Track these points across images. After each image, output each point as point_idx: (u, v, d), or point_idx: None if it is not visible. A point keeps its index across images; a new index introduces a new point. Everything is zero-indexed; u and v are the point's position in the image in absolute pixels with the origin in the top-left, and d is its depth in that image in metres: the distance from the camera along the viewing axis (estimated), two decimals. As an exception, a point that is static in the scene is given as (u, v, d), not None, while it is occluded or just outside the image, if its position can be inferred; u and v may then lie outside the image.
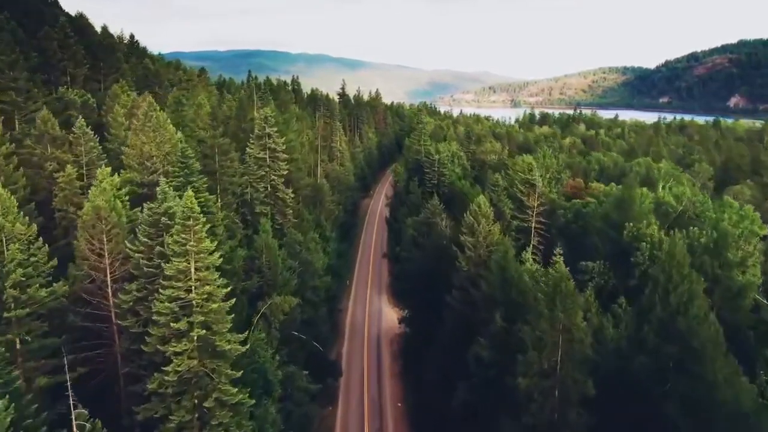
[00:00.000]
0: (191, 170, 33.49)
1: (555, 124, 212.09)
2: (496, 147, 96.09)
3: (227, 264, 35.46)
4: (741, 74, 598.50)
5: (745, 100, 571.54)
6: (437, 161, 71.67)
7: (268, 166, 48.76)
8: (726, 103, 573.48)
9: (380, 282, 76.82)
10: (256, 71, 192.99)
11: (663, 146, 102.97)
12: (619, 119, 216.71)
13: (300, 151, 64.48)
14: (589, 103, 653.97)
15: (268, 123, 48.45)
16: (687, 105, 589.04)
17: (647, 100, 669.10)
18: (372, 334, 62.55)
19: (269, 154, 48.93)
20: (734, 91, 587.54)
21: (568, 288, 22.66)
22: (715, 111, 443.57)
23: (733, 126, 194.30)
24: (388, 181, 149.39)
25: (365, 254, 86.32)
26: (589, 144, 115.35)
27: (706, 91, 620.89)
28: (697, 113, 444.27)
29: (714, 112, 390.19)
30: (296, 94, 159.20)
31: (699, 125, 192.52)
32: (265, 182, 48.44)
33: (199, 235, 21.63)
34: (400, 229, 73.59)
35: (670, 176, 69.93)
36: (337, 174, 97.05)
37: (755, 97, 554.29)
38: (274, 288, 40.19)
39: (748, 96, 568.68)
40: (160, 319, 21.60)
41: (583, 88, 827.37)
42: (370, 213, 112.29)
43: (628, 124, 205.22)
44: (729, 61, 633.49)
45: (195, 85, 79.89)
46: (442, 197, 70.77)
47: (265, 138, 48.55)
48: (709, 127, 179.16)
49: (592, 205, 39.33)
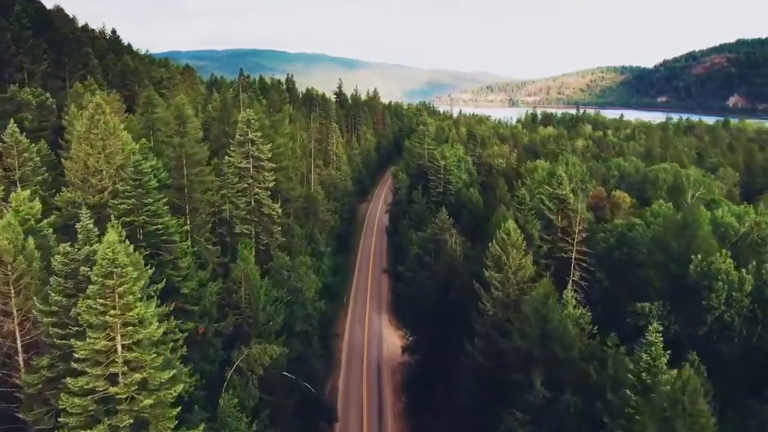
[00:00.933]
0: (146, 189, 26.54)
1: (559, 124, 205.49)
2: (504, 150, 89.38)
3: (194, 304, 28.60)
4: (739, 74, 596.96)
5: (744, 99, 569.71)
6: (443, 167, 64.83)
7: (251, 177, 41.81)
8: (725, 103, 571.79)
9: (380, 299, 69.98)
10: (253, 71, 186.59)
11: (681, 149, 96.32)
12: (624, 119, 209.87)
13: (291, 156, 57.52)
14: (587, 102, 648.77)
15: (251, 127, 41.50)
16: (686, 104, 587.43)
17: (646, 100, 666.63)
18: (372, 363, 55.73)
19: (253, 162, 41.98)
20: (733, 91, 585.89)
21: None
22: (714, 111, 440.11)
23: (741, 126, 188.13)
24: (387, 184, 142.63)
25: (363, 267, 79.42)
26: (600, 147, 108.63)
27: (705, 91, 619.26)
28: (696, 113, 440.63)
29: (713, 112, 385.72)
30: (291, 93, 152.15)
31: (707, 125, 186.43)
32: (248, 196, 41.49)
33: (126, 299, 14.73)
34: (401, 242, 66.71)
35: (699, 184, 63.39)
36: (333, 179, 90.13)
37: (754, 96, 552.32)
38: (255, 327, 33.32)
39: (746, 95, 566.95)
40: (70, 420, 14.70)
41: (581, 87, 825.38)
42: (369, 220, 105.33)
43: (633, 124, 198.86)
44: (727, 60, 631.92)
45: (176, 84, 72.72)
46: (448, 207, 64.13)
47: (247, 144, 41.59)
48: (718, 128, 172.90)
49: (639, 228, 32.53)
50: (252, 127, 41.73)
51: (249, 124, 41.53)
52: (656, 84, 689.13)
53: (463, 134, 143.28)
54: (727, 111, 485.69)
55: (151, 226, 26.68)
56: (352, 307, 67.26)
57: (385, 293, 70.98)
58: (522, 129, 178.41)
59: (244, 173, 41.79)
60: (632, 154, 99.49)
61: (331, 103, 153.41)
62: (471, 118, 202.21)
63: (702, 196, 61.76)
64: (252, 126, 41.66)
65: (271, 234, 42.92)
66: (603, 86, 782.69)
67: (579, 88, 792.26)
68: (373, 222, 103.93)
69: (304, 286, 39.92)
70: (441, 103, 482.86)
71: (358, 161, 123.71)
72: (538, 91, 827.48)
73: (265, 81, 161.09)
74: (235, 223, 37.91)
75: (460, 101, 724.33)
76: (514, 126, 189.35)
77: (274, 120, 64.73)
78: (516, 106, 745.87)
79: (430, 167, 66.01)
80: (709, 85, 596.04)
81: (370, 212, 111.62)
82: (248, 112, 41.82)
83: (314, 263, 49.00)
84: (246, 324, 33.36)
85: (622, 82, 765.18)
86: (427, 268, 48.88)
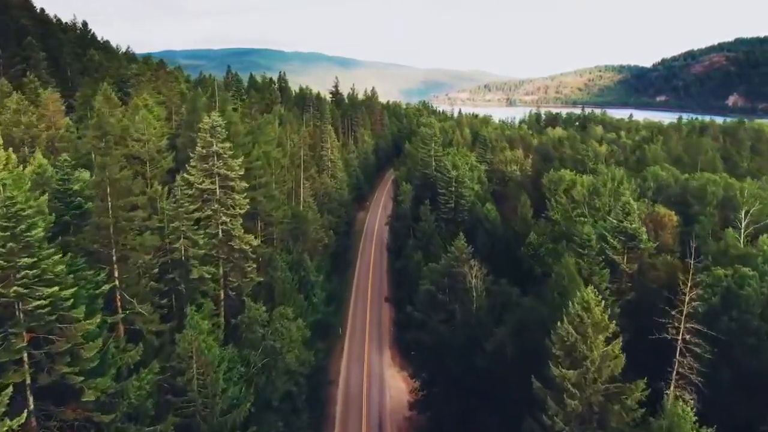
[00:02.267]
0: (25, 241, 16.95)
1: (565, 124, 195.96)
2: (517, 155, 79.87)
3: (107, 411, 18.96)
4: (739, 73, 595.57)
5: (743, 99, 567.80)
6: (455, 179, 55.28)
7: (216, 202, 32.14)
8: (724, 102, 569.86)
9: (380, 332, 60.13)
10: (250, 70, 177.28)
11: (712, 154, 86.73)
12: (633, 119, 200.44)
13: (276, 168, 47.77)
14: (585, 101, 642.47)
15: (216, 136, 31.82)
16: (685, 104, 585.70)
17: (644, 99, 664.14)
18: (372, 418, 45.99)
19: (219, 182, 32.31)
20: (732, 90, 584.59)
21: None
22: (714, 110, 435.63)
23: (758, 126, 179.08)
24: (386, 188, 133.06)
25: (361, 292, 69.52)
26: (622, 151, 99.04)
27: (704, 90, 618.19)
28: (696, 112, 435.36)
29: (713, 111, 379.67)
30: (283, 93, 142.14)
31: (722, 126, 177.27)
32: (213, 227, 31.83)
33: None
34: (406, 266, 56.91)
35: (755, 199, 54.08)
36: (327, 188, 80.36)
37: (754, 95, 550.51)
38: (210, 419, 23.73)
39: (746, 95, 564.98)
40: None
41: (579, 86, 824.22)
42: (367, 232, 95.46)
43: (643, 124, 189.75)
44: (726, 59, 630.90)
45: (144, 82, 62.87)
46: (460, 225, 54.66)
47: (211, 159, 31.94)
48: (737, 128, 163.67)
49: (752, 282, 22.70)
50: (218, 136, 32.04)
51: (214, 133, 31.83)
52: (655, 83, 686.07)
53: (468, 136, 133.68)
54: (727, 110, 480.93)
55: (33, 300, 17.03)
56: (348, 342, 57.50)
57: (386, 324, 61.29)
58: (528, 130, 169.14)
59: (207, 196, 32.13)
60: (657, 160, 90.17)
61: (326, 103, 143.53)
62: (474, 119, 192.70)
63: (757, 212, 52.55)
64: (218, 134, 31.97)
65: (244, 274, 33.23)
66: (601, 85, 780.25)
67: (577, 88, 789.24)
68: (371, 234, 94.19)
69: (283, 346, 30.30)
70: (439, 103, 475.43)
71: (355, 165, 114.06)
72: (536, 91, 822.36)
73: (256, 79, 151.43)
74: (192, 266, 28.23)
75: (457, 101, 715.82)
76: (519, 127, 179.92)
77: (255, 125, 54.92)
78: (514, 105, 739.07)
79: (439, 178, 56.38)
80: (709, 85, 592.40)
81: (368, 222, 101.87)
82: (213, 116, 32.07)
83: (300, 306, 39.19)
84: (199, 416, 23.72)
85: (620, 81, 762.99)
86: (442, 308, 39.43)
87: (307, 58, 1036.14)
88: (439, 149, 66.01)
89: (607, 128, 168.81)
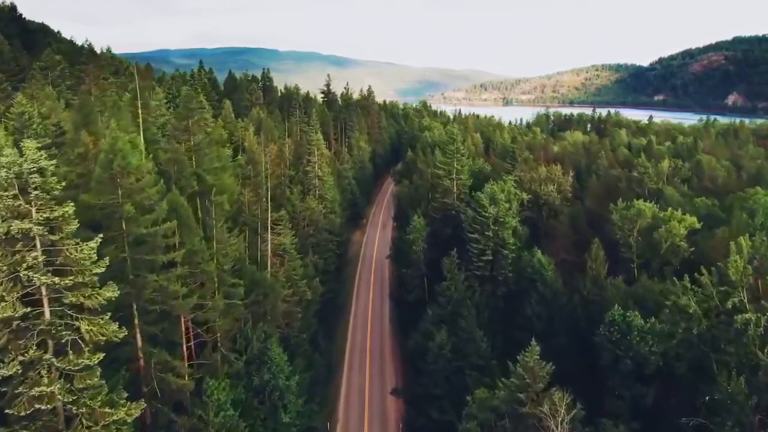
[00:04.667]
0: None
1: (579, 126, 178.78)
2: (555, 173, 62.24)
3: None
4: (738, 72, 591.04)
5: (743, 98, 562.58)
6: (493, 219, 37.59)
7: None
8: (723, 101, 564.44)
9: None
10: (244, 69, 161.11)
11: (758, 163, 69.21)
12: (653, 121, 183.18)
13: (219, 216, 29.58)
14: (582, 101, 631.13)
15: (28, 191, 13.80)
16: (683, 103, 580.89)
17: (642, 98, 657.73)
18: None
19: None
20: (731, 89, 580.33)
21: None
22: (713, 109, 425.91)
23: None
24: (385, 200, 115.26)
25: (354, 375, 47.12)
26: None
27: (703, 89, 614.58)
28: (695, 111, 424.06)
29: (711, 111, 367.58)
30: (266, 92, 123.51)
31: (748, 127, 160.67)
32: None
33: None
34: (422, 344, 38.05)
35: None
36: (313, 215, 62.42)
37: (753, 95, 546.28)
38: None
39: (745, 94, 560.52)
40: None
41: (576, 86, 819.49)
42: (364, 264, 77.19)
43: (663, 126, 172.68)
44: (725, 58, 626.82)
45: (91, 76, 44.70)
46: (502, 286, 37.28)
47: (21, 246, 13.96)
48: (752, 130, 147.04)
49: None
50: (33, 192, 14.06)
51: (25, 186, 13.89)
52: (653, 82, 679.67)
53: (479, 143, 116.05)
54: (726, 109, 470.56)
55: None
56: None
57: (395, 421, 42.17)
58: (541, 133, 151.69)
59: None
60: (714, 173, 73.23)
61: (315, 105, 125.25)
62: (482, 121, 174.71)
63: None
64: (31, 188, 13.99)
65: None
66: (598, 84, 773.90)
67: (574, 87, 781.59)
68: (369, 266, 76.15)
69: None
70: (435, 102, 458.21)
71: (349, 177, 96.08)
72: (532, 90, 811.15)
73: (235, 77, 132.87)
74: None
75: (453, 100, 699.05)
76: (530, 129, 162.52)
77: (208, 139, 36.47)
78: (511, 104, 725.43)
79: (471, 219, 38.34)
80: (707, 84, 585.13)
81: (365, 249, 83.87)
82: (27, 145, 14.09)
83: None
84: None
85: (618, 80, 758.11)
86: None
87: (301, 57, 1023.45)
88: (467, 175, 47.32)
89: (631, 132, 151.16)
